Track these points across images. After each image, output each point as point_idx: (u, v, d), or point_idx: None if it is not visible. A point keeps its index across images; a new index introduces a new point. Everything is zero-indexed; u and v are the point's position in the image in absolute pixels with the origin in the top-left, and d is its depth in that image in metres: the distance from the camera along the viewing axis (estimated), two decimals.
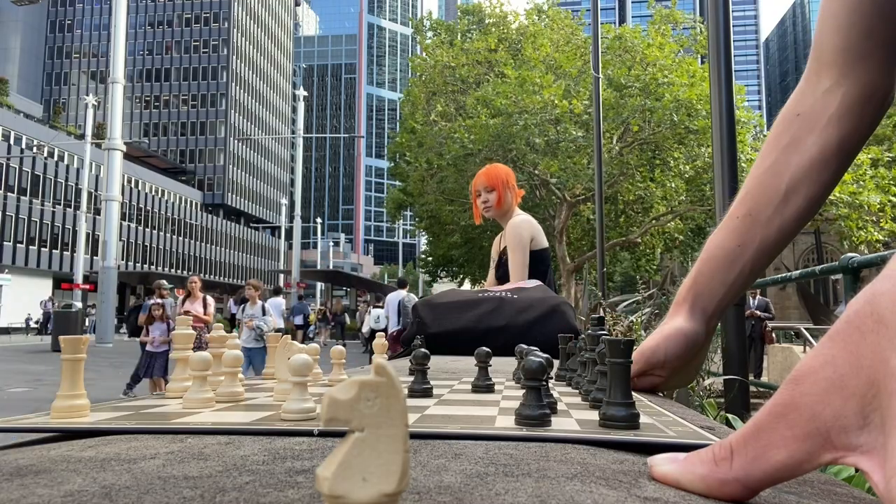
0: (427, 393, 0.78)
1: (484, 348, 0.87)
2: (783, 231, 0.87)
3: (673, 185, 18.56)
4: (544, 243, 3.25)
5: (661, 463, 0.40)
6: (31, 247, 47.40)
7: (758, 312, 10.93)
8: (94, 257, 41.95)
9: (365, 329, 17.31)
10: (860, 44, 0.82)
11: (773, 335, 11.70)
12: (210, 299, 8.70)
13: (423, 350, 0.82)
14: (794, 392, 0.35)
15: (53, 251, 49.88)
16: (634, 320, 4.51)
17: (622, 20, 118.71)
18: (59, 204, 49.85)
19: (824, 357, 0.34)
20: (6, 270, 37.80)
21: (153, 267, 58.99)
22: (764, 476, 0.36)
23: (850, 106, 0.83)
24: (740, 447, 0.37)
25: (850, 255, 2.87)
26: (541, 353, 0.62)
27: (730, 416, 2.58)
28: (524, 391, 0.57)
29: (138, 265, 58.19)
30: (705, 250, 0.93)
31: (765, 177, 0.88)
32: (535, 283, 2.32)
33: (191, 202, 70.83)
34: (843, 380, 0.33)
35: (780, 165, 0.86)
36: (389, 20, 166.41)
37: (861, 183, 17.45)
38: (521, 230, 3.15)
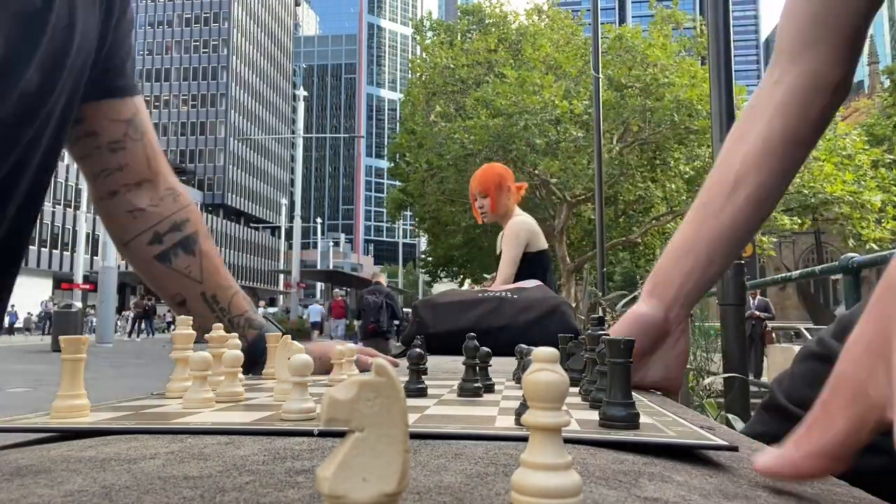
0: (422, 392, 0.78)
1: (484, 348, 0.87)
2: (735, 219, 0.88)
3: (673, 186, 18.57)
4: (543, 245, 3.25)
5: (760, 456, 0.42)
6: (31, 247, 47.43)
7: (758, 313, 10.94)
8: (94, 257, 41.94)
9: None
10: (809, 31, 0.84)
11: (773, 335, 11.71)
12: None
13: (417, 350, 0.82)
14: (841, 364, 0.38)
15: (53, 251, 49.91)
16: None
17: (622, 20, 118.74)
18: (59, 204, 49.86)
19: (860, 329, 0.38)
20: None
21: None
22: (837, 446, 0.38)
23: (795, 95, 0.85)
24: (814, 421, 0.39)
25: (850, 255, 2.87)
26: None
27: (730, 415, 2.58)
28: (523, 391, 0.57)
29: None
30: (669, 242, 0.96)
31: (718, 168, 0.91)
32: (535, 282, 2.32)
33: None
34: (871, 344, 0.36)
35: (729, 156, 0.89)
36: (389, 20, 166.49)
37: (862, 183, 17.46)
38: (518, 230, 3.15)
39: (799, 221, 18.31)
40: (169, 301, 1.14)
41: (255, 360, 1.03)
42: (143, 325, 26.85)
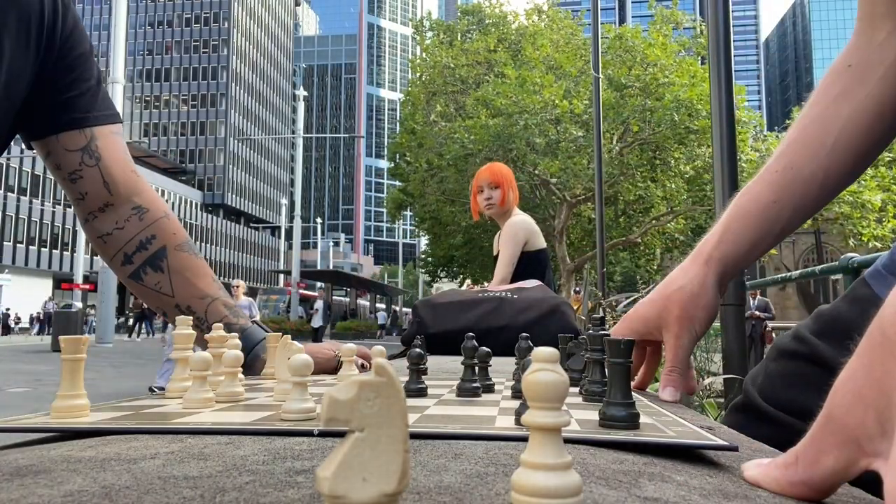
0: (422, 392, 0.78)
1: (484, 348, 0.87)
2: (826, 188, 0.79)
3: (673, 185, 18.57)
4: (542, 244, 3.25)
5: (748, 468, 0.44)
6: (31, 247, 47.44)
7: (758, 313, 10.94)
8: (94, 257, 41.93)
9: None
10: None
11: (773, 335, 11.71)
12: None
13: (417, 350, 0.82)
14: (831, 403, 0.38)
15: (53, 251, 49.92)
16: None
17: (622, 20, 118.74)
18: (59, 204, 49.87)
19: (850, 370, 0.37)
20: (6, 270, 37.81)
21: None
22: (822, 480, 0.39)
23: None
24: (802, 453, 0.40)
25: (850, 255, 2.87)
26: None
27: None
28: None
29: None
30: (735, 205, 0.84)
31: (811, 128, 0.79)
32: (535, 282, 2.32)
33: (191, 202, 70.83)
34: (861, 391, 0.35)
35: (828, 116, 0.78)
36: (389, 20, 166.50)
37: (862, 182, 17.45)
38: (517, 229, 3.15)
39: None
40: (157, 311, 1.20)
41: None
42: (142, 326, 26.90)
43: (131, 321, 28.39)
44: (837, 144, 0.77)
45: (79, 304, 20.88)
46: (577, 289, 9.70)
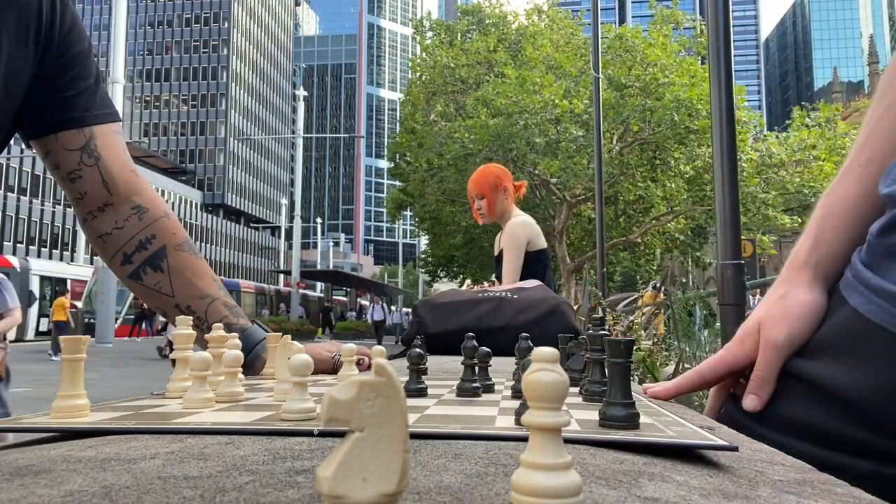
0: (422, 392, 0.78)
1: (484, 348, 0.87)
2: None
3: (673, 185, 18.57)
4: (542, 244, 3.25)
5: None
6: (31, 246, 47.42)
7: None
8: (95, 257, 41.92)
9: None
10: None
11: None
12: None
13: (417, 350, 0.82)
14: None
15: (53, 251, 49.89)
16: (634, 320, 4.52)
17: (622, 20, 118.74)
18: (59, 204, 49.86)
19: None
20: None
21: None
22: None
23: None
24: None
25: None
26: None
27: None
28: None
29: None
30: (822, 206, 0.79)
31: (887, 116, 0.75)
32: (535, 282, 2.32)
33: (191, 202, 70.82)
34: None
35: None
36: (389, 20, 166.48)
37: None
38: (518, 232, 3.15)
39: (799, 221, 18.30)
40: (157, 311, 1.20)
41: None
42: (143, 326, 26.89)
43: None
44: None
45: (79, 304, 20.85)
46: (656, 284, 9.08)
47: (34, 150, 1.08)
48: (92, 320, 22.03)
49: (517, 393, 0.73)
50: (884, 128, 0.75)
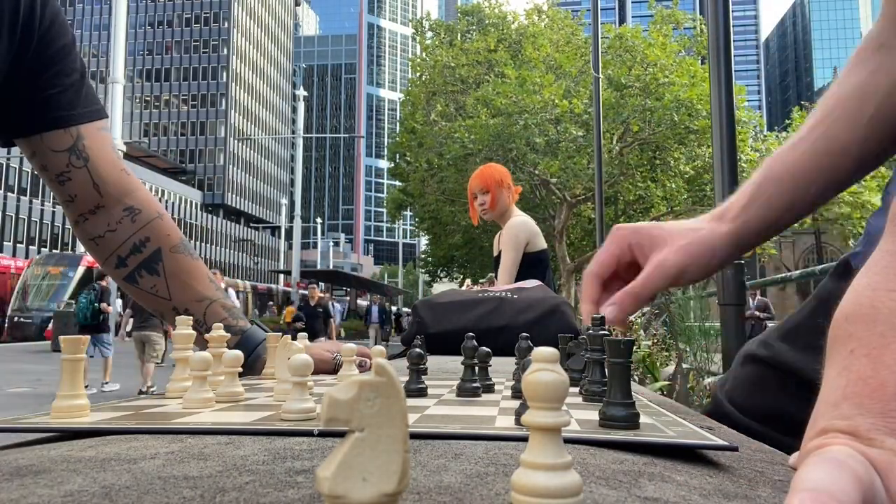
0: (422, 392, 0.78)
1: (484, 348, 0.87)
2: (859, 161, 0.74)
3: (673, 185, 18.58)
4: (542, 245, 3.25)
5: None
6: (31, 247, 47.42)
7: (758, 313, 10.93)
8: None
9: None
10: None
11: None
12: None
13: (417, 350, 0.82)
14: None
15: (53, 251, 49.91)
16: (633, 320, 4.52)
17: (622, 20, 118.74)
18: (59, 204, 49.90)
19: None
20: None
21: None
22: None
23: None
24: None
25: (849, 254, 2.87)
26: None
27: None
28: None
29: None
30: (767, 168, 0.77)
31: (846, 100, 0.74)
32: (535, 282, 2.32)
33: (191, 202, 70.83)
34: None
35: (867, 89, 0.73)
36: (389, 20, 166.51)
37: (862, 183, 17.45)
38: (517, 232, 3.16)
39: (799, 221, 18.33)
40: (155, 313, 1.17)
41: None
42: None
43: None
44: (875, 118, 0.73)
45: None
46: None
47: (20, 150, 1.05)
48: (25, 319, 20.66)
49: (517, 393, 0.73)
50: (837, 111, 0.75)
